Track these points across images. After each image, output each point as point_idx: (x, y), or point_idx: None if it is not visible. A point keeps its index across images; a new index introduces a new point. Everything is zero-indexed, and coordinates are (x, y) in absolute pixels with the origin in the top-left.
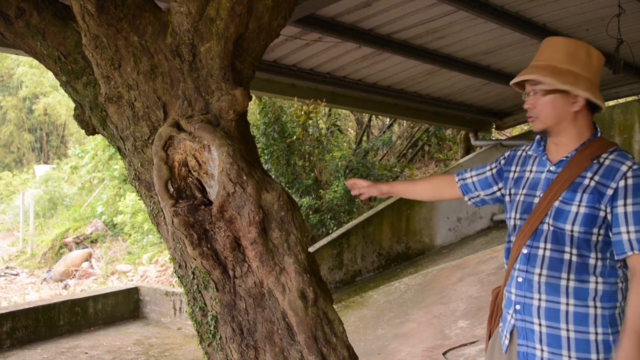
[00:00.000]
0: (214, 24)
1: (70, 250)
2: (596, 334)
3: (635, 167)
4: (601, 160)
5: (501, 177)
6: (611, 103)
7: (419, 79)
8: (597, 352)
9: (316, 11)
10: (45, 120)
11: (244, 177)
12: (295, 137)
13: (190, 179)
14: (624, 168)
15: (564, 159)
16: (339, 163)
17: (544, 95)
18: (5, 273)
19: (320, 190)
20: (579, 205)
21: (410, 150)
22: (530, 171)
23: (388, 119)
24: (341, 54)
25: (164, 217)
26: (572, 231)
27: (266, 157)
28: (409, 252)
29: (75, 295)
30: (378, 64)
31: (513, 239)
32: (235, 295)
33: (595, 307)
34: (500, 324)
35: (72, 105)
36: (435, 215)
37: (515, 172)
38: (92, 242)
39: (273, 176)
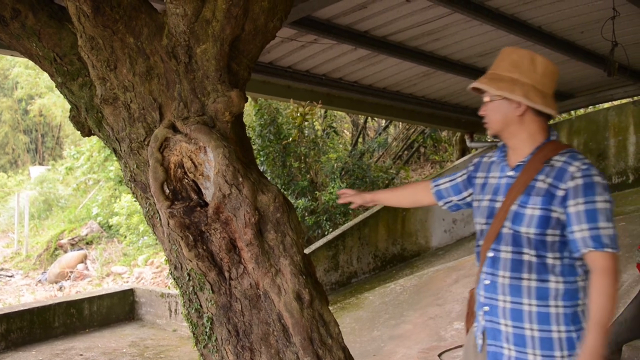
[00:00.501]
0: (210, 25)
1: (66, 251)
2: (559, 332)
3: (583, 167)
4: (552, 162)
5: (471, 184)
6: (606, 105)
7: (414, 81)
8: (561, 349)
9: (312, 13)
10: (41, 122)
11: (240, 179)
12: (291, 138)
13: (186, 181)
14: (572, 169)
15: (521, 163)
16: (335, 165)
17: (490, 101)
18: (0, 275)
19: (316, 192)
20: (533, 208)
21: (406, 152)
22: (494, 177)
23: (384, 121)
24: (337, 55)
25: (160, 219)
26: (528, 233)
27: (262, 159)
28: (405, 253)
29: (70, 297)
30: (374, 66)
31: (481, 243)
32: (231, 296)
33: (557, 306)
34: (475, 324)
35: (68, 106)
36: (430, 217)
37: (481, 178)
38: (87, 243)
39: (269, 178)
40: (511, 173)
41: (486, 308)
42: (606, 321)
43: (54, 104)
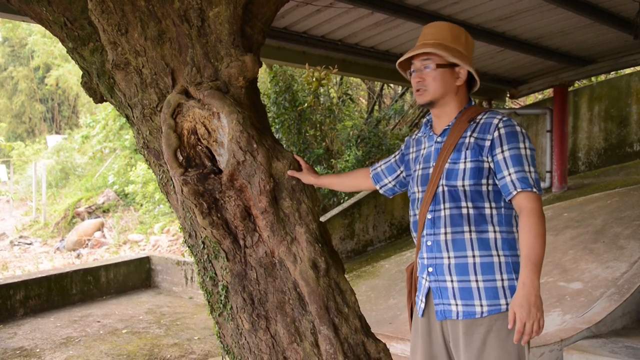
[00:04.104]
0: None
1: (83, 219)
2: (502, 280)
3: (504, 119)
4: (477, 120)
5: (402, 162)
6: (628, 71)
7: None
8: (505, 297)
9: None
10: (57, 91)
11: (254, 145)
12: (306, 104)
13: (200, 147)
14: (495, 121)
15: (447, 127)
16: (351, 132)
17: (435, 69)
18: (19, 242)
19: (332, 160)
20: (465, 162)
21: (422, 119)
22: (424, 148)
23: (400, 88)
24: (353, 20)
25: (174, 186)
26: (463, 186)
27: (277, 127)
28: None
29: (87, 265)
30: (390, 31)
31: (417, 211)
32: (246, 265)
33: (499, 255)
34: (418, 293)
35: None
36: None
37: (412, 152)
38: (104, 211)
39: (284, 145)
40: (439, 139)
41: (430, 269)
42: (537, 258)
43: (70, 72)
